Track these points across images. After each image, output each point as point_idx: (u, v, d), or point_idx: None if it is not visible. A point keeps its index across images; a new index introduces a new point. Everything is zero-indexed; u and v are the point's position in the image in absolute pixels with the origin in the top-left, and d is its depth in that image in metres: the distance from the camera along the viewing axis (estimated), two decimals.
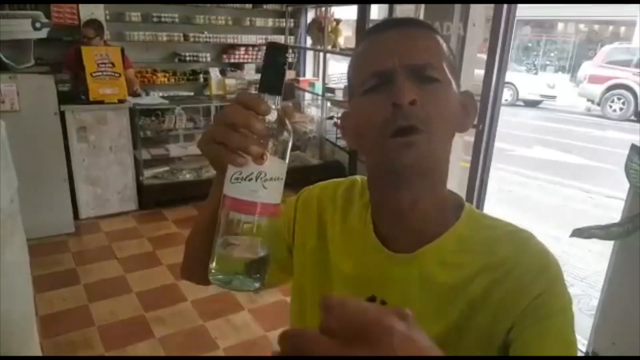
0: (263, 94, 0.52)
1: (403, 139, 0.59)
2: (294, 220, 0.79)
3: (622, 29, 15.43)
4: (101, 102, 3.84)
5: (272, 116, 0.52)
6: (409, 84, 0.58)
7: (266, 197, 0.51)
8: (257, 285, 0.54)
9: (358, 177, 0.79)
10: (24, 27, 3.48)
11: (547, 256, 0.63)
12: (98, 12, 4.77)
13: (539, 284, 0.59)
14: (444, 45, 0.64)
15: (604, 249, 2.50)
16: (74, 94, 3.95)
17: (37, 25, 3.54)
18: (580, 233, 2.14)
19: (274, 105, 0.52)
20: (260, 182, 0.50)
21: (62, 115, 3.66)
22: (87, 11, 4.73)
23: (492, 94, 2.94)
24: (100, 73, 3.80)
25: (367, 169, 0.69)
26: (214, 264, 0.54)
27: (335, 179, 0.82)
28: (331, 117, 5.32)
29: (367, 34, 0.67)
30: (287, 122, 0.54)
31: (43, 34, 3.51)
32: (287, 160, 0.54)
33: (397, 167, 0.60)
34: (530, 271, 0.60)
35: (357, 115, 0.65)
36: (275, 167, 0.51)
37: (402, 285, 0.66)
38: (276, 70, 0.52)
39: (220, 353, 2.54)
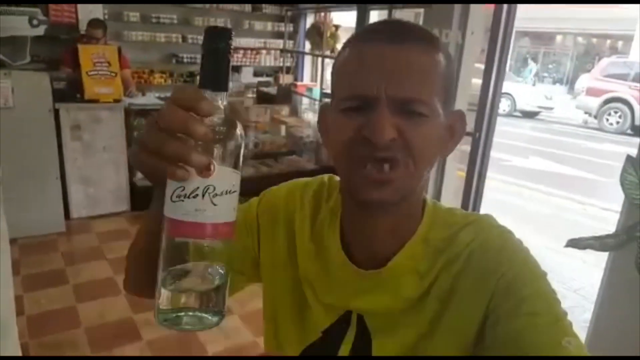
0: (205, 90, 0.43)
1: (378, 175, 0.55)
2: (257, 231, 0.74)
3: (620, 43, 15.56)
4: (96, 101, 3.81)
5: (218, 116, 0.43)
6: (390, 118, 0.54)
7: (217, 216, 0.43)
8: (215, 320, 0.46)
9: (326, 177, 0.75)
10: (20, 23, 3.47)
11: (504, 235, 0.62)
12: (97, 11, 4.73)
13: (501, 264, 0.58)
14: (442, 65, 0.57)
15: (598, 260, 2.48)
16: (70, 92, 3.92)
17: (34, 22, 3.53)
18: (576, 244, 2.15)
19: (220, 103, 0.43)
20: (208, 199, 0.42)
21: (56, 113, 3.63)
22: (85, 10, 4.70)
23: (489, 102, 2.95)
24: (96, 72, 3.78)
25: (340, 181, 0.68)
26: (160, 302, 0.44)
27: (301, 180, 0.77)
28: None
29: (358, 39, 0.60)
30: (237, 122, 0.45)
31: (40, 31, 3.50)
32: (239, 169, 0.45)
33: (368, 202, 0.58)
34: (489, 252, 0.60)
35: (333, 131, 0.60)
36: (225, 179, 0.43)
37: (376, 299, 0.65)
38: (218, 59, 0.43)
39: None
